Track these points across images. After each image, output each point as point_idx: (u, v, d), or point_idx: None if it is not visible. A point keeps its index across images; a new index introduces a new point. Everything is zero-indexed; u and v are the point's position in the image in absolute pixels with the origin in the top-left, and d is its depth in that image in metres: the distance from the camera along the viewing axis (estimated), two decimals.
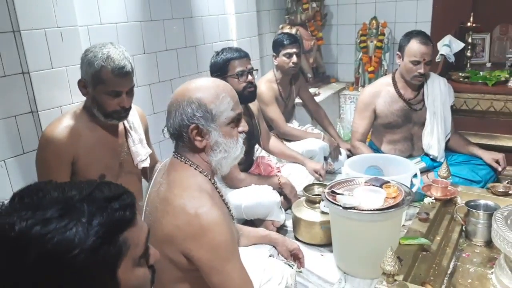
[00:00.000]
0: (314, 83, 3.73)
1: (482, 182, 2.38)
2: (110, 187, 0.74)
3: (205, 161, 1.23)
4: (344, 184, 1.78)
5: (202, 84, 1.22)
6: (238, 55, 2.18)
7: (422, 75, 2.44)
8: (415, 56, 2.40)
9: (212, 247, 1.09)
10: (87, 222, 0.67)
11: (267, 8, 3.56)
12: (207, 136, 1.19)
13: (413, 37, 2.43)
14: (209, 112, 1.18)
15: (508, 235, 1.39)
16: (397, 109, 2.55)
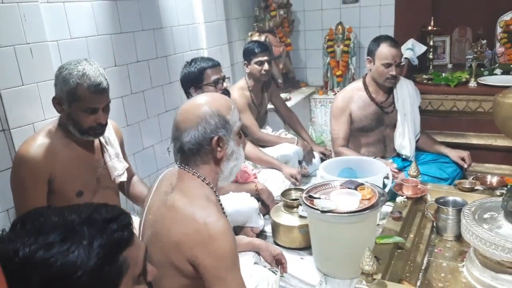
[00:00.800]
0: (285, 89, 3.79)
1: (450, 179, 2.49)
2: (107, 209, 0.77)
3: (214, 172, 1.27)
4: (320, 188, 1.84)
5: (214, 98, 1.29)
6: (212, 63, 2.24)
7: (394, 77, 2.53)
8: (386, 59, 2.48)
9: (219, 256, 1.12)
10: (88, 244, 0.70)
11: (235, 16, 3.61)
12: (226, 146, 1.25)
13: (382, 41, 2.52)
14: (228, 122, 1.24)
15: (476, 229, 1.48)
16: (370, 113, 2.64)
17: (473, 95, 2.76)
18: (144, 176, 2.47)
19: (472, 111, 2.79)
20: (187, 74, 2.22)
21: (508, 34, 3.16)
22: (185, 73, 2.23)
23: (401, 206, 1.92)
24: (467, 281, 1.56)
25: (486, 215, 1.57)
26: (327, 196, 1.76)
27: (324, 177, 2.13)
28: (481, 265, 1.52)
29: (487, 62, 3.25)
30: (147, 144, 2.65)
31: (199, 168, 1.24)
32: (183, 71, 2.26)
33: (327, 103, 3.77)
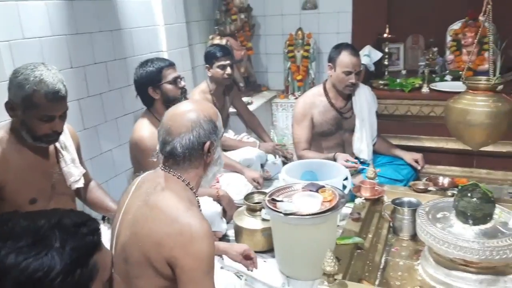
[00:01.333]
0: (246, 92, 3.81)
1: (405, 181, 2.59)
2: (75, 214, 0.77)
3: (199, 176, 1.29)
4: (283, 191, 1.86)
5: (202, 103, 1.35)
6: (168, 63, 2.19)
7: (354, 84, 2.59)
8: (347, 67, 2.54)
9: (198, 258, 1.12)
10: (60, 247, 0.69)
11: (196, 19, 3.59)
12: (214, 150, 1.28)
13: (343, 49, 2.58)
14: (217, 128, 1.28)
15: (430, 228, 1.55)
16: (330, 118, 2.69)
17: (426, 100, 2.89)
18: (102, 182, 2.40)
19: (425, 115, 2.92)
20: (144, 74, 2.14)
21: (457, 42, 3.34)
22: (141, 73, 2.15)
23: (359, 207, 1.98)
24: (422, 278, 1.63)
25: (439, 214, 1.65)
26: (290, 199, 1.78)
27: (286, 180, 2.16)
28: (435, 262, 1.60)
29: (438, 68, 3.42)
30: (105, 148, 2.58)
31: (184, 172, 1.26)
32: (138, 72, 2.17)
33: (288, 107, 3.83)
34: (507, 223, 1.54)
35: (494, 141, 1.71)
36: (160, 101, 2.14)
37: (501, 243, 1.42)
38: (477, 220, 1.52)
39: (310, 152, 2.70)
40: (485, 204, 1.51)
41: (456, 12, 3.35)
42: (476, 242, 1.44)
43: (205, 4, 3.71)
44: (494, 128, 1.62)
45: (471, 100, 1.65)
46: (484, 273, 1.49)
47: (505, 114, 1.60)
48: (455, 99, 1.72)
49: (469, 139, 1.70)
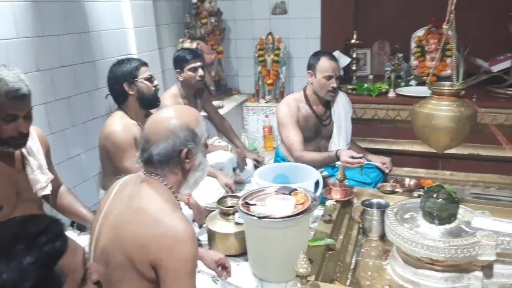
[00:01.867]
0: (217, 96, 3.81)
1: (373, 184, 2.65)
2: (34, 222, 0.73)
3: (180, 181, 1.30)
4: (256, 195, 1.87)
5: (182, 110, 1.34)
6: (143, 61, 2.28)
7: (335, 89, 2.63)
8: (327, 72, 2.57)
9: (182, 259, 1.13)
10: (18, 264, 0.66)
11: (166, 22, 3.56)
12: (194, 157, 1.28)
13: (322, 55, 2.63)
14: (196, 135, 1.28)
15: (398, 229, 1.60)
16: (312, 124, 2.70)
17: (392, 105, 2.99)
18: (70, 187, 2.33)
19: (392, 119, 3.01)
20: (121, 70, 2.20)
21: (421, 49, 3.46)
22: (118, 69, 2.21)
23: (331, 209, 2.02)
24: (391, 277, 1.69)
25: (406, 215, 1.71)
26: (263, 202, 1.80)
27: (259, 183, 2.18)
28: (403, 262, 1.65)
29: (404, 74, 3.53)
30: (73, 153, 2.51)
31: (165, 177, 1.27)
32: (114, 69, 2.22)
33: (259, 111, 3.85)
34: (470, 222, 1.62)
35: (457, 144, 1.78)
36: (134, 97, 2.21)
37: (465, 242, 1.49)
38: (442, 220, 1.59)
39: (309, 153, 2.60)
40: (449, 205, 1.58)
41: (420, 20, 3.48)
42: (442, 241, 1.50)
43: (175, 7, 3.69)
44: (457, 132, 1.69)
45: (436, 105, 1.71)
46: (449, 271, 1.56)
47: (468, 118, 1.68)
48: (420, 103, 1.79)
49: (434, 142, 1.77)
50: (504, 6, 2.91)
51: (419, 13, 3.50)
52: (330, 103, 2.76)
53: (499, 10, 3.06)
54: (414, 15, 3.54)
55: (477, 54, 3.18)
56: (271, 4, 3.96)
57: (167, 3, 3.56)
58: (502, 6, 2.97)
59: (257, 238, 1.84)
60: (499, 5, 3.13)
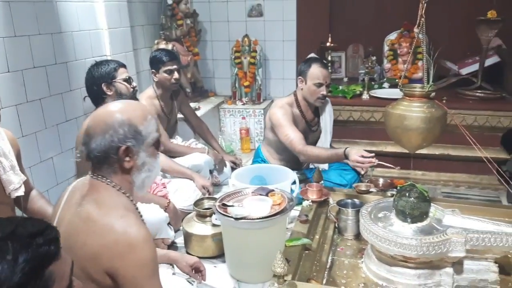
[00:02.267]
0: (194, 98, 3.80)
1: (348, 185, 2.70)
2: (33, 223, 0.75)
3: (128, 182, 1.24)
4: (233, 196, 1.88)
5: (129, 106, 1.25)
6: (121, 63, 2.32)
7: (325, 96, 2.65)
8: (318, 79, 2.58)
9: (139, 264, 1.10)
10: (13, 259, 0.68)
11: (141, 23, 3.53)
12: (136, 156, 1.22)
13: (313, 62, 2.64)
14: (139, 133, 1.21)
15: (372, 227, 1.63)
16: (301, 130, 2.66)
17: (366, 106, 3.05)
18: (43, 191, 2.28)
19: (366, 121, 3.07)
20: (99, 71, 2.22)
21: (393, 52, 3.55)
22: (96, 70, 2.23)
23: (307, 209, 2.05)
24: (366, 275, 1.72)
25: (380, 214, 1.75)
26: (240, 203, 1.81)
27: (236, 185, 2.18)
28: (378, 260, 1.69)
29: (377, 76, 3.61)
30: (45, 156, 2.46)
31: (112, 177, 1.22)
32: (92, 70, 2.24)
33: (236, 113, 3.86)
34: (441, 220, 1.66)
35: (428, 144, 1.84)
36: (112, 98, 2.20)
37: (436, 239, 1.53)
38: (414, 218, 1.63)
39: (314, 147, 2.55)
40: (421, 203, 1.62)
41: (392, 23, 3.57)
42: (414, 239, 1.54)
43: (150, 8, 3.66)
44: (428, 132, 1.74)
45: (407, 106, 1.76)
46: (421, 267, 1.60)
47: (438, 119, 1.73)
48: (393, 105, 1.84)
49: (406, 142, 1.82)
50: (472, 11, 3.02)
51: (391, 17, 3.59)
52: (319, 110, 2.80)
53: (468, 15, 3.16)
54: (387, 19, 3.62)
55: (447, 57, 3.28)
56: (247, 7, 3.98)
57: (142, 4, 3.53)
58: (471, 11, 3.07)
59: (234, 239, 1.84)
60: (468, 10, 3.24)
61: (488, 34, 2.87)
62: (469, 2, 3.37)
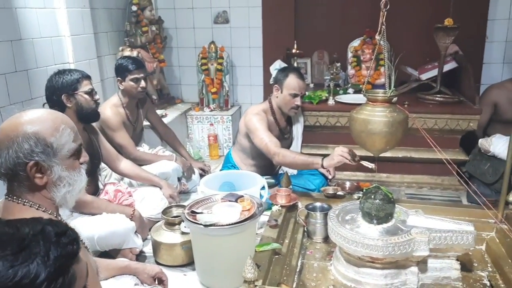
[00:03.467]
0: (160, 105, 3.76)
1: (317, 190, 2.74)
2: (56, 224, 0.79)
3: (48, 198, 1.14)
4: (202, 203, 1.87)
5: (37, 116, 1.13)
6: (86, 74, 2.22)
7: (298, 107, 2.68)
8: (294, 90, 2.61)
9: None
10: (45, 255, 0.72)
11: (105, 30, 3.47)
12: (49, 172, 1.12)
13: (290, 72, 2.66)
14: (50, 146, 1.11)
15: (340, 230, 1.67)
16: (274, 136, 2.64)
17: (332, 111, 3.10)
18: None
19: (332, 126, 3.13)
20: (61, 80, 2.12)
21: (357, 58, 3.64)
22: (58, 79, 2.13)
23: (276, 214, 2.06)
24: (335, 277, 1.75)
25: (347, 216, 1.78)
26: (210, 210, 1.80)
27: (205, 192, 2.17)
28: (346, 261, 1.72)
29: (342, 82, 3.69)
30: None
31: (27, 196, 1.12)
32: (54, 78, 2.14)
33: (204, 119, 3.85)
34: (405, 221, 1.72)
35: (392, 147, 1.89)
36: (72, 110, 2.14)
37: (401, 239, 1.58)
38: (380, 220, 1.67)
39: (288, 151, 2.53)
40: (386, 205, 1.67)
41: (355, 30, 3.66)
42: (380, 240, 1.58)
43: (114, 15, 3.60)
44: (391, 136, 1.80)
45: (371, 111, 1.82)
46: (388, 267, 1.65)
47: (400, 123, 1.79)
48: (357, 110, 1.89)
49: (371, 146, 1.87)
50: (431, 19, 3.14)
51: (354, 24, 3.68)
52: (292, 119, 2.83)
53: (427, 22, 3.29)
54: (350, 26, 3.72)
55: (408, 63, 3.40)
56: (213, 14, 3.99)
57: (106, 10, 3.47)
58: (430, 19, 3.20)
59: (204, 246, 1.83)
60: (427, 18, 3.38)
61: (446, 41, 3.00)
62: (428, 10, 3.51)
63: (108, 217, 2.13)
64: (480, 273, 1.77)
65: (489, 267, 1.81)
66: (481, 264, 1.83)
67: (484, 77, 3.59)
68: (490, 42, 3.55)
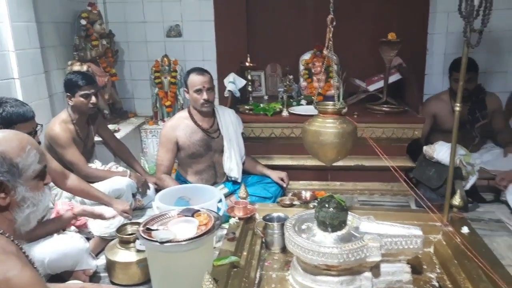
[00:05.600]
0: (113, 120, 3.68)
1: (273, 197, 2.79)
2: None
3: (8, 220, 1.12)
4: (158, 219, 1.84)
5: (3, 136, 1.15)
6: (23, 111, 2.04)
7: (208, 101, 2.74)
8: (196, 86, 2.73)
9: None
10: None
11: (52, 44, 3.35)
12: (13, 192, 1.11)
13: (191, 72, 2.80)
14: (15, 166, 1.11)
15: (297, 239, 1.69)
16: (198, 139, 2.79)
17: (286, 123, 3.17)
18: None
19: (286, 137, 3.20)
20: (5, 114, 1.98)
21: (308, 71, 3.75)
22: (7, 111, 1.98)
23: (234, 227, 2.06)
24: (293, 287, 1.77)
25: (303, 226, 1.82)
26: (165, 226, 1.78)
27: (160, 207, 2.14)
28: (303, 270, 1.75)
29: (295, 94, 3.78)
30: None
31: None
32: None
33: (158, 133, 3.79)
34: (358, 228, 1.78)
35: (343, 157, 1.96)
36: None
37: (355, 246, 1.63)
38: (334, 228, 1.72)
39: (170, 179, 2.80)
40: (340, 213, 1.72)
41: (306, 44, 3.78)
42: (335, 247, 1.62)
43: (62, 29, 3.49)
44: (342, 146, 1.86)
45: (322, 123, 1.87)
46: (343, 274, 1.69)
47: (350, 134, 1.86)
48: (309, 122, 1.94)
49: (323, 156, 1.93)
50: (376, 33, 3.30)
51: (305, 38, 3.80)
52: (218, 119, 2.86)
53: (372, 37, 3.46)
54: (301, 40, 3.83)
55: (357, 75, 3.55)
56: (165, 27, 3.98)
57: (53, 24, 3.36)
58: (375, 34, 3.36)
59: (160, 263, 1.80)
60: (372, 33, 3.55)
61: (390, 54, 3.16)
62: (373, 25, 3.70)
63: (60, 239, 2.04)
64: (429, 275, 1.85)
65: (437, 268, 1.90)
66: (430, 266, 1.92)
67: (427, 87, 3.80)
68: (431, 54, 3.78)
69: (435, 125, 3.37)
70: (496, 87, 3.74)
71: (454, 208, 2.08)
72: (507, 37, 3.70)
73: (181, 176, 2.91)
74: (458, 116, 1.91)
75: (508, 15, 3.64)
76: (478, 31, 1.72)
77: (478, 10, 1.72)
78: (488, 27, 1.72)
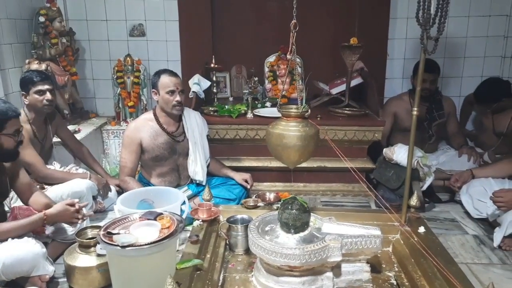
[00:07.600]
0: (73, 120, 3.57)
1: (237, 199, 2.79)
2: None
3: None
4: (119, 223, 1.80)
5: None
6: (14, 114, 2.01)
7: (180, 103, 2.71)
8: (168, 87, 2.67)
9: None
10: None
11: (8, 42, 3.22)
12: None
13: (162, 73, 2.73)
14: None
15: (260, 241, 1.71)
16: (162, 142, 2.75)
17: (251, 125, 3.18)
18: None
19: (251, 138, 3.21)
20: None
21: (273, 73, 3.78)
22: None
23: (197, 229, 2.06)
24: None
25: (267, 227, 1.84)
26: (127, 230, 1.74)
27: (122, 211, 2.10)
28: (266, 272, 1.77)
29: (260, 96, 3.80)
30: None
31: None
32: None
33: (121, 134, 3.72)
34: (320, 229, 1.81)
35: (306, 159, 1.99)
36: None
37: (317, 246, 1.67)
38: (297, 229, 1.75)
39: (134, 181, 2.73)
40: (302, 214, 1.75)
41: (271, 46, 3.81)
42: (297, 248, 1.65)
43: (19, 26, 3.36)
44: (304, 149, 1.89)
45: (285, 126, 1.90)
46: (305, 275, 1.72)
47: (312, 137, 1.90)
48: (273, 125, 1.96)
49: (286, 158, 1.95)
50: (338, 38, 3.36)
51: (270, 40, 3.83)
52: (184, 122, 2.84)
53: (334, 41, 3.52)
54: (265, 42, 3.86)
55: (320, 78, 3.61)
56: (128, 26, 3.90)
57: (9, 21, 3.23)
58: (337, 38, 3.43)
59: (122, 268, 1.76)
60: (335, 37, 3.63)
61: (352, 58, 3.23)
62: (335, 30, 3.78)
63: (14, 244, 1.96)
64: (388, 274, 1.92)
65: (396, 267, 1.97)
66: (388, 265, 1.99)
67: (387, 91, 3.92)
68: (391, 59, 3.91)
69: (395, 124, 3.49)
70: (451, 91, 3.92)
71: (411, 208, 2.16)
72: (462, 43, 3.88)
73: (144, 178, 2.86)
74: (415, 120, 1.98)
75: (463, 21, 3.81)
76: (434, 39, 1.80)
77: (434, 18, 1.80)
78: (444, 33, 1.80)
